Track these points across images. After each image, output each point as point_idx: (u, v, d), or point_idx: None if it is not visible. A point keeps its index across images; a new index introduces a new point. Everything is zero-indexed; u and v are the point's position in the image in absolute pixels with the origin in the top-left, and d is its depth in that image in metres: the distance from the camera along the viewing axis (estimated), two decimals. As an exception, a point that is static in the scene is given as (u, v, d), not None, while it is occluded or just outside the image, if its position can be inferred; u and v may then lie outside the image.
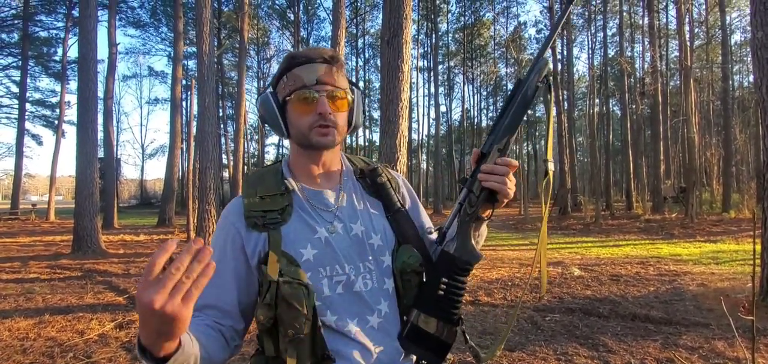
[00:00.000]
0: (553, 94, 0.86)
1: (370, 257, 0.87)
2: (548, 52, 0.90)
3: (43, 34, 23.76)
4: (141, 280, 0.54)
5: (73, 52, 22.15)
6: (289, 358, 0.78)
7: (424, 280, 0.89)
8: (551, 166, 0.85)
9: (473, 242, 0.87)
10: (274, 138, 37.58)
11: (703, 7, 21.22)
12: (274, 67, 41.44)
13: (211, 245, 0.84)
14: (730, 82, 22.41)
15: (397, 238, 0.91)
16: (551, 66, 0.88)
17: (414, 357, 0.88)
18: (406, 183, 1.03)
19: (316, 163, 0.91)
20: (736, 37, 26.09)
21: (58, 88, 23.86)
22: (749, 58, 25.21)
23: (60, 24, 23.07)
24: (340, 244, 0.86)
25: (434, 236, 0.93)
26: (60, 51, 23.34)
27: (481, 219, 0.87)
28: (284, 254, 0.82)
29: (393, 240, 0.90)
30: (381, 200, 0.94)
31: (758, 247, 4.45)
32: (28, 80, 23.46)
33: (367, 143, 33.96)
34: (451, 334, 0.86)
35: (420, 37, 30.62)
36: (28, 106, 23.80)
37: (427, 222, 0.99)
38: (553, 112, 0.87)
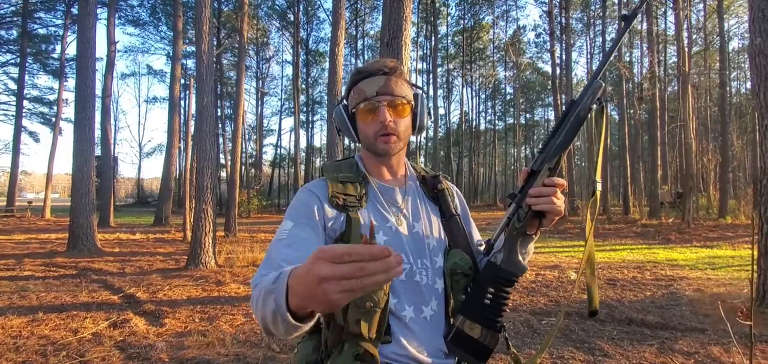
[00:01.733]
0: (606, 115, 0.88)
1: (427, 256, 0.95)
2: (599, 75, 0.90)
3: (42, 31, 23.73)
4: (328, 252, 0.50)
5: (71, 50, 22.20)
6: (361, 327, 0.83)
7: (471, 288, 0.94)
8: (600, 187, 0.88)
9: (520, 256, 0.91)
10: (272, 139, 37.60)
11: (702, 13, 21.32)
12: (274, 68, 41.35)
13: (293, 216, 0.90)
14: (728, 88, 22.51)
15: (449, 242, 0.99)
16: (604, 88, 0.88)
17: (451, 361, 0.94)
18: (459, 195, 1.11)
19: (384, 164, 1.01)
20: (734, 44, 26.26)
21: (56, 85, 23.83)
22: (747, 65, 25.36)
23: (59, 21, 23.03)
24: (405, 236, 0.94)
25: (483, 247, 0.99)
26: (58, 48, 23.31)
27: (528, 236, 0.91)
28: (361, 235, 0.89)
29: (445, 243, 0.99)
30: (439, 205, 1.03)
31: (755, 252, 4.45)
32: (26, 77, 23.41)
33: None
34: (494, 340, 0.91)
35: (419, 40, 30.68)
36: (25, 103, 23.74)
37: (476, 234, 1.06)
38: (604, 133, 0.88)
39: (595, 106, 0.88)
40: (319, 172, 1.03)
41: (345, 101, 1.02)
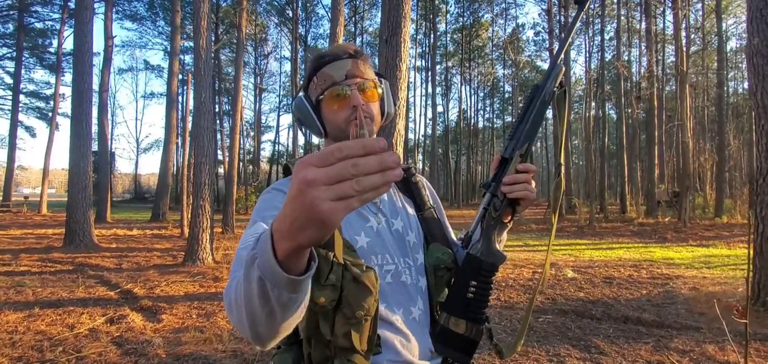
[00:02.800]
0: (568, 99, 0.90)
1: (409, 255, 0.90)
2: (562, 58, 0.92)
3: (39, 25, 23.57)
4: (313, 155, 0.42)
5: (68, 44, 21.94)
6: (354, 334, 0.75)
7: (452, 283, 0.91)
8: (563, 170, 0.90)
9: (497, 245, 0.89)
10: (270, 135, 37.50)
11: (700, 13, 21.36)
12: (272, 64, 41.27)
13: (261, 213, 0.81)
14: (725, 88, 22.58)
15: (425, 236, 0.94)
16: (564, 70, 0.91)
17: (439, 360, 0.92)
18: (429, 185, 1.06)
19: None
20: (732, 44, 26.33)
21: (52, 80, 23.70)
22: (744, 65, 25.42)
23: (56, 15, 22.86)
24: (386, 236, 0.89)
25: (461, 241, 0.97)
26: (55, 42, 23.15)
27: (503, 224, 0.90)
28: (343, 238, 0.82)
29: (422, 239, 0.94)
30: (413, 199, 0.98)
31: (751, 251, 4.48)
32: (23, 71, 23.30)
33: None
34: (479, 333, 0.88)
35: (418, 37, 30.65)
36: (21, 97, 23.63)
37: (448, 226, 1.03)
38: (567, 117, 0.92)
39: (556, 90, 0.89)
40: (284, 171, 0.94)
41: (303, 92, 0.93)
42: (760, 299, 4.35)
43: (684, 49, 16.51)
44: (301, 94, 0.93)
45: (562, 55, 0.90)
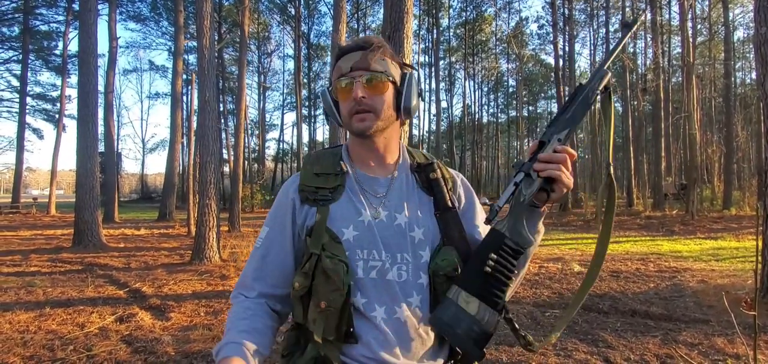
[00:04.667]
0: (613, 102, 0.87)
1: (409, 250, 0.87)
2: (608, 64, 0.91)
3: (44, 27, 23.72)
4: None
5: (73, 46, 22.22)
6: (316, 327, 0.81)
7: (469, 261, 0.86)
8: (613, 170, 0.85)
9: (525, 229, 0.83)
10: (274, 133, 37.61)
11: (706, 3, 21.10)
12: (275, 62, 41.28)
13: (270, 220, 0.93)
14: (733, 78, 22.34)
15: (442, 237, 0.89)
16: (610, 77, 0.89)
17: (441, 360, 0.88)
18: (465, 183, 1.01)
19: (369, 149, 0.93)
20: (739, 34, 25.98)
21: (58, 82, 23.84)
22: (752, 55, 25.10)
23: (60, 17, 23.01)
24: (381, 230, 0.87)
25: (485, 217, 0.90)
26: (60, 45, 23.31)
27: (535, 206, 0.84)
28: (328, 230, 0.85)
29: (438, 238, 0.90)
30: (433, 196, 0.93)
31: (760, 243, 4.44)
32: (29, 74, 23.46)
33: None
34: (493, 320, 0.80)
35: (421, 33, 30.53)
36: (28, 100, 23.80)
37: (478, 225, 0.97)
38: (613, 119, 0.88)
39: (602, 92, 0.87)
40: (303, 164, 1.00)
41: (329, 84, 0.96)
42: (769, 291, 4.30)
43: (690, 39, 16.33)
44: (327, 86, 0.96)
45: (608, 63, 0.88)
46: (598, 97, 0.87)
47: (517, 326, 0.87)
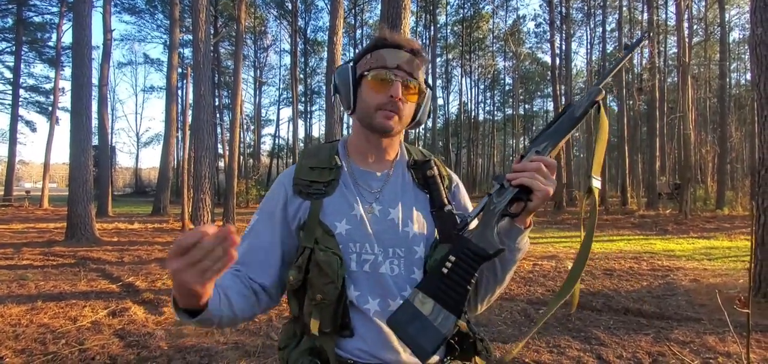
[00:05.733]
0: (604, 114, 0.82)
1: (402, 245, 0.88)
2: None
3: (38, 18, 23.45)
4: (172, 248, 0.60)
5: (67, 38, 21.84)
6: (312, 320, 0.83)
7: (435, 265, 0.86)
8: (596, 183, 0.78)
9: (495, 236, 0.80)
10: (270, 129, 37.43)
11: (703, 3, 21.20)
12: (272, 57, 41.03)
13: (261, 206, 0.96)
14: (728, 79, 22.46)
15: (439, 234, 0.90)
16: (603, 94, 0.85)
17: (437, 355, 0.85)
18: (460, 186, 1.03)
19: (373, 145, 0.95)
20: (735, 35, 26.11)
21: (52, 74, 23.65)
22: (747, 56, 25.29)
23: (54, 9, 22.75)
24: (374, 225, 0.88)
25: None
26: (54, 36, 23.06)
27: (510, 216, 0.82)
28: (321, 223, 0.87)
29: (432, 235, 0.91)
30: (429, 193, 0.94)
31: (753, 242, 4.47)
32: (22, 66, 23.22)
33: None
34: (447, 323, 0.77)
35: (418, 29, 30.48)
36: (21, 92, 23.59)
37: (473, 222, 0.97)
38: (606, 130, 0.82)
39: (591, 108, 0.83)
40: (299, 157, 1.01)
41: (352, 63, 0.95)
42: (761, 290, 4.35)
43: (686, 40, 16.41)
44: (350, 63, 0.95)
45: (604, 82, 0.85)
46: (591, 111, 0.84)
47: (474, 331, 0.89)
